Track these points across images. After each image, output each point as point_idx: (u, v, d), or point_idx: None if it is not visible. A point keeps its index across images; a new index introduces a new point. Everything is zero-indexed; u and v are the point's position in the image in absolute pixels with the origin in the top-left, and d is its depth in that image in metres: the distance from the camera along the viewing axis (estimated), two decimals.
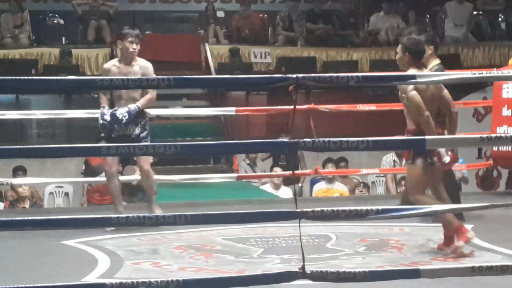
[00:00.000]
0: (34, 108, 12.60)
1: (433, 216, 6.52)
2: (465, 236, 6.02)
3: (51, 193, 11.37)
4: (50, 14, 14.77)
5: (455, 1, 14.74)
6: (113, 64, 7.43)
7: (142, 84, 4.23)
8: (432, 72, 7.11)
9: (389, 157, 11.35)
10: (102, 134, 7.41)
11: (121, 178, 10.09)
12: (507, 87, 8.70)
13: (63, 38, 14.46)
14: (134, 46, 7.32)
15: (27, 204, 10.08)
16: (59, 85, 5.01)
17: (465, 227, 6.11)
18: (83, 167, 11.04)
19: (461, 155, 11.18)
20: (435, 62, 7.19)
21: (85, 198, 10.92)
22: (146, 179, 7.60)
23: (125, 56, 7.37)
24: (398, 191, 10.97)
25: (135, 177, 9.44)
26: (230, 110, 9.33)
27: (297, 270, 4.27)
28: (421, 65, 6.19)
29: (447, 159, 6.07)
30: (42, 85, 4.42)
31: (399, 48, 6.23)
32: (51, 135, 13.41)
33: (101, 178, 10.33)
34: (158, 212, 7.12)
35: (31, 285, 4.15)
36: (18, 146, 4.32)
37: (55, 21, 14.69)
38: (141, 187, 10.28)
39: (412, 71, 5.98)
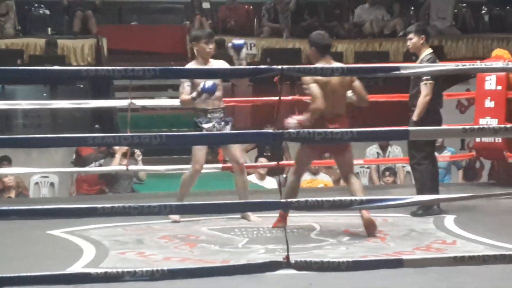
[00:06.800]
0: (19, 99, 12.57)
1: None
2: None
3: (36, 183, 11.34)
4: (36, 5, 14.69)
5: None
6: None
7: (128, 75, 4.23)
8: (423, 62, 7.20)
9: (373, 149, 11.40)
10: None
11: (102, 168, 10.18)
12: (490, 79, 8.73)
13: (49, 29, 14.39)
14: (210, 46, 7.32)
15: (12, 194, 10.07)
16: (45, 76, 5.02)
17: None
18: (74, 156, 11.03)
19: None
20: (427, 51, 7.29)
21: (74, 187, 10.91)
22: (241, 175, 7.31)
23: (202, 57, 7.34)
24: (381, 182, 11.04)
25: (118, 167, 9.51)
26: None
27: (282, 259, 4.29)
28: (328, 59, 6.56)
29: (291, 121, 6.46)
30: (28, 75, 4.41)
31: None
32: (36, 125, 13.38)
33: (88, 168, 10.35)
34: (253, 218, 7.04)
35: (17, 275, 4.16)
36: (3, 136, 4.34)
37: (41, 12, 14.61)
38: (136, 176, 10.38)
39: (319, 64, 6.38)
